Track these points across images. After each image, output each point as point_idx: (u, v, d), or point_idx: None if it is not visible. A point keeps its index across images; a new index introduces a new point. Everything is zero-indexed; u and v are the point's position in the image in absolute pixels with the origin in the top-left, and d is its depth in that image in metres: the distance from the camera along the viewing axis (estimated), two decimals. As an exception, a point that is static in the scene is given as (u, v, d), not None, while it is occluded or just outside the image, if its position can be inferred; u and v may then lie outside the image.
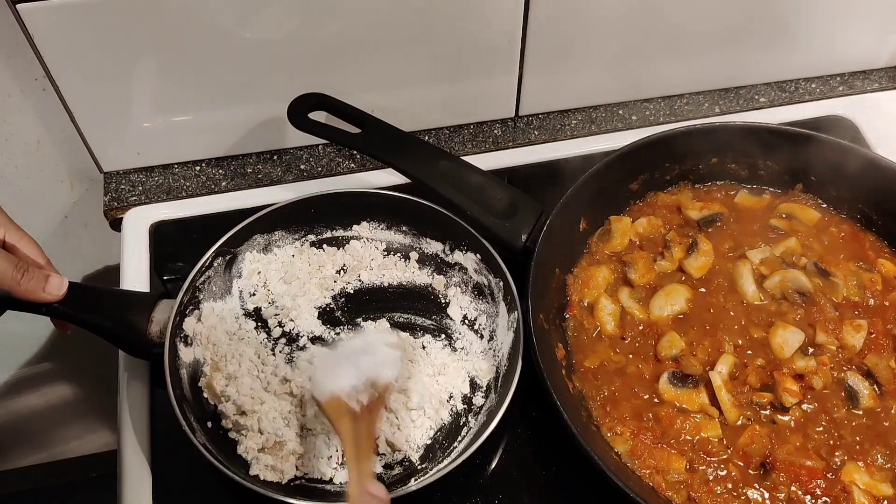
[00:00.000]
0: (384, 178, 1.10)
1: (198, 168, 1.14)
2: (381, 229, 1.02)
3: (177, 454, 0.85)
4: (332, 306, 0.99)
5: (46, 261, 0.84)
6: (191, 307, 0.91)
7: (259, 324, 0.96)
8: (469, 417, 0.90)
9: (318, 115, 1.01)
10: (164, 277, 1.03)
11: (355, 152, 1.15)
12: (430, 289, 1.00)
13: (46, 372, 1.49)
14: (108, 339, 0.87)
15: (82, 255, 1.25)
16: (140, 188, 1.12)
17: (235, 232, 0.95)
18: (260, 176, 1.13)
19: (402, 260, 1.02)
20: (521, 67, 1.13)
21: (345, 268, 1.01)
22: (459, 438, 0.88)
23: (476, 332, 0.96)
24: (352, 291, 1.00)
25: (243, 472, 0.83)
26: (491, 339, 0.95)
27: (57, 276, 0.83)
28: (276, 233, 1.00)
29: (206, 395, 0.89)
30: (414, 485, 0.80)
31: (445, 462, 0.84)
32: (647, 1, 1.07)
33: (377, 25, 1.02)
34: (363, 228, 1.02)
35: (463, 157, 1.00)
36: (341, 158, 1.16)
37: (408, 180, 0.99)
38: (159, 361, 0.86)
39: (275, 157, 1.16)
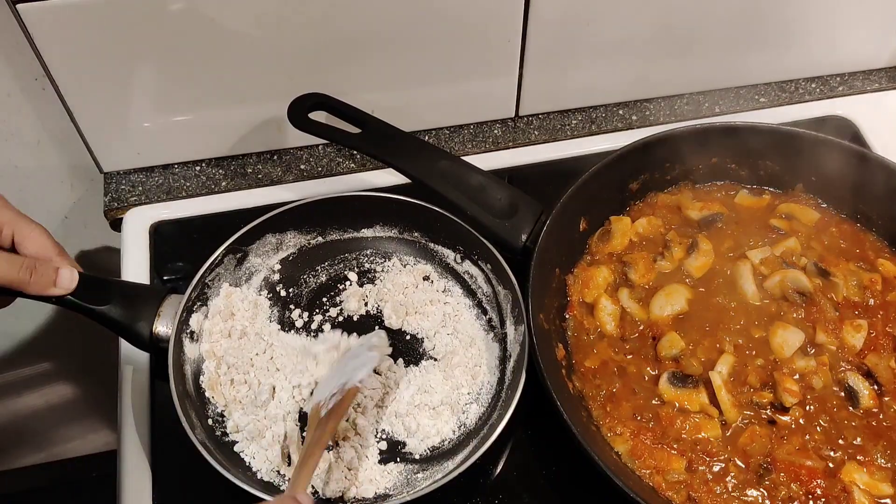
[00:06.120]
0: (384, 178, 1.10)
1: (198, 168, 1.14)
2: (393, 234, 1.03)
3: (177, 452, 0.85)
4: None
5: (58, 250, 0.84)
6: (198, 303, 0.92)
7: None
8: (470, 425, 0.90)
9: (318, 115, 1.01)
10: (165, 277, 1.03)
11: (355, 152, 1.15)
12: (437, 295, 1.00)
13: (46, 372, 1.49)
14: (115, 330, 0.88)
15: (82, 256, 1.25)
16: (140, 188, 1.12)
17: (247, 230, 0.96)
18: (260, 176, 1.13)
19: (412, 265, 1.02)
20: (521, 67, 1.13)
21: (354, 270, 1.02)
22: (462, 447, 0.88)
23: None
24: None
25: (239, 471, 0.83)
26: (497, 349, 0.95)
27: (68, 269, 0.83)
28: (288, 233, 1.00)
29: (208, 393, 0.89)
30: (416, 492, 0.80)
31: (447, 470, 0.83)
32: (648, 1, 1.07)
33: (377, 25, 1.02)
34: (374, 232, 1.03)
35: (463, 157, 1.00)
36: (341, 158, 1.16)
37: (410, 181, 0.98)
38: (162, 356, 0.87)
39: (275, 157, 1.16)
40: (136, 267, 1.03)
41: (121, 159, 1.12)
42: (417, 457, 0.88)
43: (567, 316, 0.95)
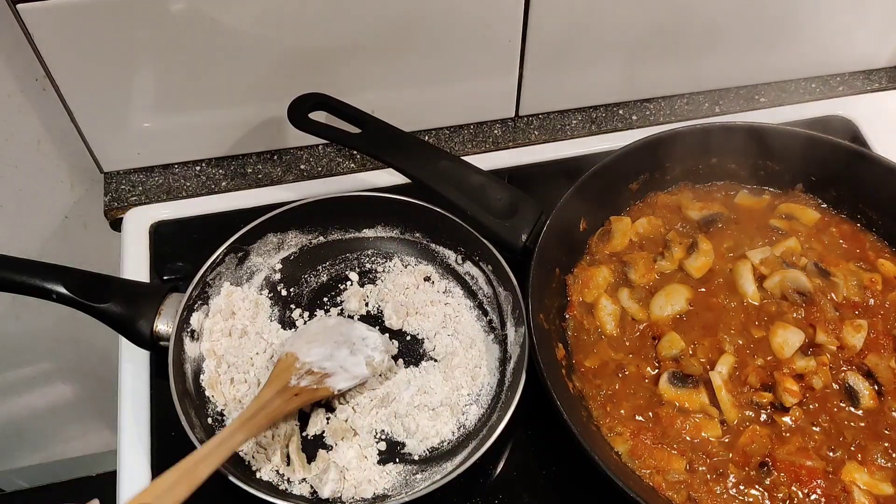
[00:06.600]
0: (384, 178, 1.10)
1: (198, 168, 1.14)
2: (394, 234, 1.03)
3: (177, 451, 0.84)
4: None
5: None
6: (199, 302, 0.92)
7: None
8: (469, 426, 0.90)
9: (318, 115, 1.01)
10: (164, 277, 1.03)
11: (355, 152, 1.15)
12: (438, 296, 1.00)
13: (46, 372, 1.49)
14: (116, 328, 0.88)
15: (82, 255, 1.25)
16: (140, 188, 1.12)
17: (249, 229, 0.96)
18: (260, 176, 1.13)
19: (413, 266, 1.02)
20: (521, 67, 1.13)
21: (356, 271, 1.02)
22: (461, 448, 0.88)
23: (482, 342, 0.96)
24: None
25: (239, 470, 0.83)
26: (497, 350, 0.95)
27: None
28: (289, 232, 1.00)
29: (208, 392, 0.89)
30: (414, 493, 0.80)
31: (446, 471, 0.84)
32: (647, 1, 1.07)
33: (377, 25, 1.02)
34: (376, 232, 1.03)
35: (463, 157, 1.00)
36: (341, 158, 1.16)
37: (411, 181, 0.98)
38: (162, 354, 0.87)
39: (275, 157, 1.16)
40: (135, 267, 1.03)
41: (121, 159, 1.12)
42: (416, 458, 0.88)
43: (567, 316, 0.95)
